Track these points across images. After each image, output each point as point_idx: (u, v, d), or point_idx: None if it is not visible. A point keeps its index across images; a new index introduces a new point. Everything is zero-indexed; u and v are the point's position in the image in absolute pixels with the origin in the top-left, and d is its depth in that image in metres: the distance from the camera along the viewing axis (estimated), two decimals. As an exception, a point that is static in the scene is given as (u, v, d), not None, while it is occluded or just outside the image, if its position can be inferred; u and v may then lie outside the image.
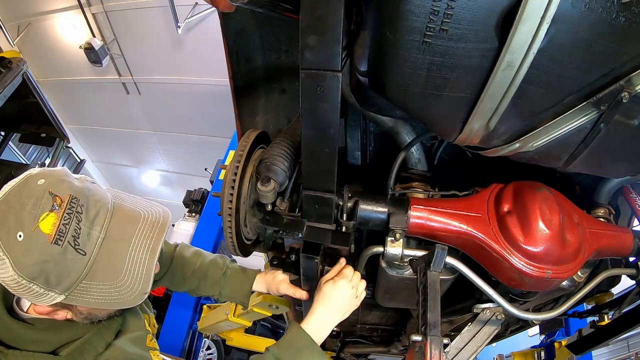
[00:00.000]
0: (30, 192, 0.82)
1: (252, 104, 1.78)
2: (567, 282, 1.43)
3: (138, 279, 0.90)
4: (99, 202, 0.90)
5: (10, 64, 4.48)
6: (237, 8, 1.04)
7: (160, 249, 0.94)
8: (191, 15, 8.03)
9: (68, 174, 0.90)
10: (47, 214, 0.81)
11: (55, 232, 0.81)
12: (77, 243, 0.83)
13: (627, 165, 1.12)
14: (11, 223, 0.80)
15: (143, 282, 0.91)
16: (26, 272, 0.80)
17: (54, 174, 0.87)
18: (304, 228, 1.28)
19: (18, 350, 0.92)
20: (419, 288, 1.18)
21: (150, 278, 0.92)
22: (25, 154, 9.77)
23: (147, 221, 0.95)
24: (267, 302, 2.05)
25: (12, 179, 0.86)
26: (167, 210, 1.02)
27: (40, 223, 0.80)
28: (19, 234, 0.79)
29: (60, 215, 0.82)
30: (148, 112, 10.79)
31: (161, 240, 0.94)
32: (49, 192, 0.83)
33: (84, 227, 0.85)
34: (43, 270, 0.81)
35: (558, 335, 4.71)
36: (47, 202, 0.82)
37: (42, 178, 0.85)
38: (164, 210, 1.01)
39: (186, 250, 1.56)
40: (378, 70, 0.94)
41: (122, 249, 0.90)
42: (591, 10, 0.73)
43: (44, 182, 0.84)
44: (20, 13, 8.74)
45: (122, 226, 0.91)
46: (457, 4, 0.73)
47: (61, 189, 0.84)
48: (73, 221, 0.83)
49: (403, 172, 1.49)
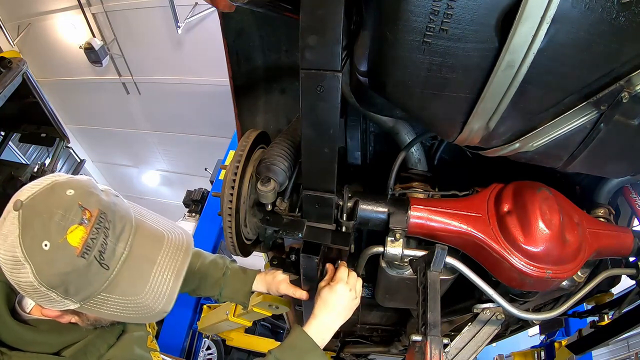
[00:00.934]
0: (59, 202, 0.82)
1: (252, 104, 1.78)
2: (567, 282, 1.43)
3: (160, 299, 0.91)
4: (124, 217, 0.90)
5: (10, 64, 4.48)
6: (237, 8, 1.04)
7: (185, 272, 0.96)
8: (191, 15, 8.03)
9: (95, 186, 0.90)
10: (76, 226, 0.81)
11: (82, 246, 0.81)
12: (102, 258, 0.84)
13: (627, 165, 1.12)
14: (37, 230, 0.79)
15: (165, 303, 0.92)
16: (47, 280, 0.80)
17: (82, 185, 0.87)
18: (304, 228, 1.27)
19: (21, 351, 0.92)
20: (419, 288, 1.18)
21: (173, 299, 0.92)
22: (25, 154, 9.77)
23: (171, 243, 0.96)
24: (267, 302, 2.04)
25: (33, 182, 0.86)
26: (188, 233, 1.03)
27: (68, 235, 0.80)
28: (45, 242, 0.79)
29: (89, 229, 0.82)
30: (148, 112, 10.79)
31: (186, 264, 0.95)
32: (78, 204, 0.82)
33: (110, 242, 0.85)
34: (65, 281, 0.81)
35: (558, 335, 4.71)
36: (77, 214, 0.81)
37: (70, 188, 0.84)
38: (185, 233, 1.02)
39: None
40: (378, 70, 0.94)
41: (147, 267, 0.90)
42: (591, 10, 0.73)
43: (73, 193, 0.83)
44: (20, 13, 8.74)
45: (145, 244, 0.92)
46: (457, 4, 0.73)
47: (90, 203, 0.84)
48: (101, 236, 0.83)
49: (403, 172, 1.49)
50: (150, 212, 1.02)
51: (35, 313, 0.98)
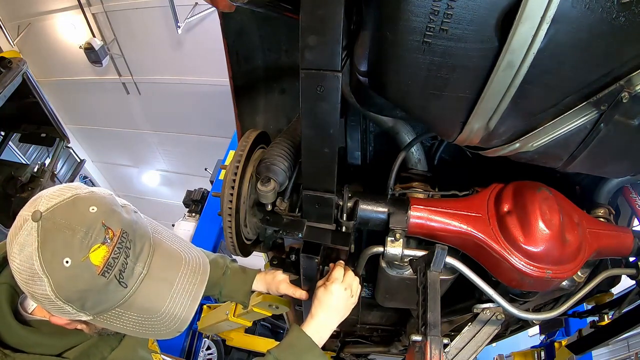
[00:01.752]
0: (82, 219, 0.81)
1: (252, 104, 1.78)
2: (567, 282, 1.43)
3: (176, 320, 0.92)
4: (144, 236, 0.91)
5: (10, 64, 4.49)
6: (237, 8, 1.04)
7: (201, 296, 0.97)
8: (191, 15, 8.02)
9: (116, 203, 0.90)
10: (99, 245, 0.81)
11: (104, 265, 0.81)
12: (122, 277, 0.84)
13: (627, 165, 1.12)
14: (58, 245, 0.79)
15: (180, 323, 0.92)
16: (65, 296, 0.80)
17: (105, 202, 0.86)
18: (304, 228, 1.28)
19: (24, 353, 0.92)
20: (419, 288, 1.18)
21: (188, 321, 0.93)
22: (25, 154, 9.76)
23: (189, 265, 0.97)
24: (267, 302, 2.04)
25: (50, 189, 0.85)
26: (204, 255, 1.04)
27: (91, 254, 0.80)
28: (66, 259, 0.78)
29: (111, 249, 0.82)
30: (148, 112, 10.78)
31: (203, 287, 0.96)
32: (102, 223, 0.82)
33: (130, 262, 0.86)
34: (82, 297, 0.82)
35: (558, 335, 4.71)
36: (100, 233, 0.81)
37: (93, 205, 0.84)
38: (202, 255, 1.03)
39: None
40: (378, 70, 0.94)
41: (164, 288, 0.91)
42: (591, 10, 0.73)
43: (97, 210, 0.83)
44: (20, 13, 8.74)
45: (163, 265, 0.93)
46: (457, 4, 0.73)
47: (113, 222, 0.84)
48: (122, 256, 0.84)
49: (403, 172, 1.49)
50: (166, 230, 1.03)
51: (37, 314, 0.98)
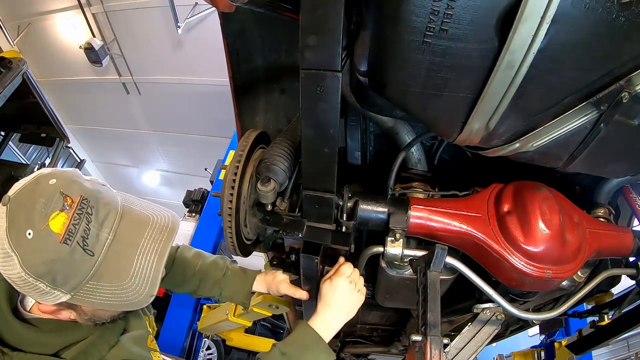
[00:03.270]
0: (41, 192, 0.83)
1: (252, 104, 1.78)
2: (567, 282, 1.43)
3: (145, 282, 0.90)
4: (109, 204, 0.91)
5: (10, 64, 4.48)
6: (237, 8, 1.04)
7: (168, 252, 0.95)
8: (191, 15, 8.03)
9: (79, 175, 0.91)
10: (57, 213, 0.82)
11: (64, 232, 0.81)
12: (85, 243, 0.84)
13: (627, 165, 1.12)
14: (21, 221, 0.81)
15: (150, 285, 0.91)
16: (34, 270, 0.81)
17: (65, 175, 0.88)
18: (304, 228, 1.27)
19: (22, 352, 0.92)
20: (419, 288, 1.18)
21: (157, 281, 0.92)
22: (25, 154, 9.76)
23: (156, 225, 0.96)
24: (267, 302, 2.04)
25: (22, 179, 0.87)
26: (175, 215, 1.02)
27: (50, 222, 0.81)
28: (28, 232, 0.80)
29: (71, 215, 0.83)
30: (148, 112, 10.79)
31: (169, 244, 0.95)
32: (60, 192, 0.84)
33: (93, 228, 0.86)
34: (51, 270, 0.82)
35: (558, 335, 4.71)
36: (58, 201, 0.83)
37: (53, 178, 0.86)
38: (172, 214, 1.01)
39: (187, 251, 1.57)
40: (378, 70, 0.94)
41: (130, 251, 0.90)
42: (591, 10, 0.73)
43: (55, 182, 0.85)
44: (20, 13, 8.74)
45: (131, 229, 0.92)
46: (457, 4, 0.73)
47: (72, 190, 0.85)
48: (83, 222, 0.84)
49: (403, 172, 1.49)
50: (140, 200, 1.02)
51: (35, 311, 0.98)
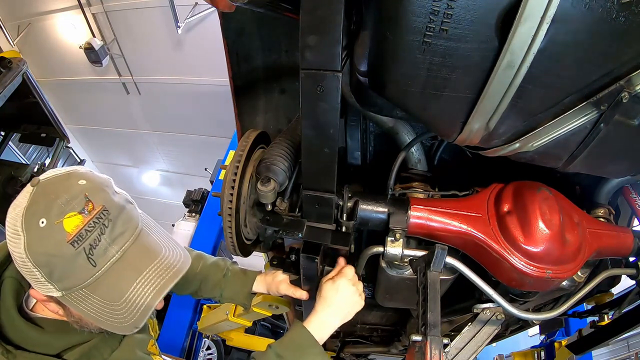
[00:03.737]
0: (68, 188, 0.85)
1: (252, 104, 1.78)
2: (567, 282, 1.43)
3: (135, 311, 0.89)
4: (128, 223, 0.91)
5: (10, 64, 4.49)
6: (237, 8, 1.04)
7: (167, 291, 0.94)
8: (191, 15, 8.02)
9: (110, 185, 0.92)
10: (74, 213, 0.83)
11: (75, 234, 0.82)
12: (91, 252, 0.84)
13: (627, 165, 1.12)
14: (39, 208, 0.83)
15: (138, 317, 0.89)
16: (34, 257, 0.82)
17: (97, 180, 0.90)
18: (304, 228, 1.27)
19: (26, 351, 0.92)
20: (419, 288, 1.18)
21: (146, 315, 0.90)
22: (25, 154, 9.76)
23: (165, 259, 0.95)
24: (267, 302, 2.04)
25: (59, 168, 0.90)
26: (187, 256, 1.01)
27: (65, 219, 0.82)
28: (42, 220, 0.82)
29: (87, 220, 0.83)
30: (148, 112, 10.78)
31: (172, 284, 0.93)
32: (85, 194, 0.85)
33: (104, 240, 0.85)
34: (49, 263, 0.83)
35: (558, 335, 4.71)
36: (80, 203, 0.84)
37: (84, 179, 0.88)
38: (185, 255, 1.00)
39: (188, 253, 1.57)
40: (378, 70, 0.94)
41: (131, 276, 0.89)
42: (591, 10, 0.73)
43: (85, 184, 0.87)
44: (20, 13, 8.74)
45: (140, 255, 0.91)
46: (457, 4, 0.73)
47: (97, 197, 0.86)
48: (96, 231, 0.84)
49: (403, 172, 1.49)
50: (160, 229, 1.01)
51: (38, 310, 0.98)
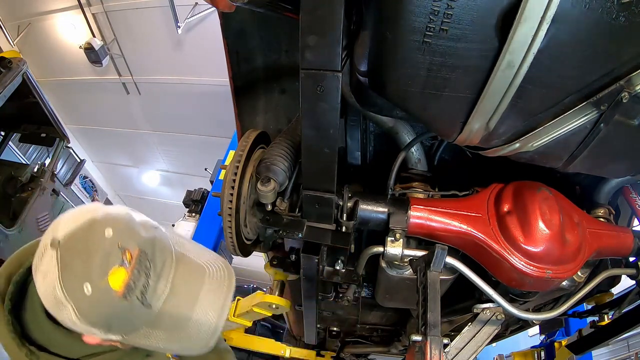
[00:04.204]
0: (98, 243, 0.80)
1: (252, 104, 1.78)
2: (567, 282, 1.43)
3: (203, 334, 0.90)
4: (164, 252, 0.89)
5: (10, 64, 4.48)
6: (237, 8, 1.04)
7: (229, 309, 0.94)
8: (191, 15, 8.02)
9: (133, 221, 0.88)
10: (116, 268, 0.80)
11: (124, 288, 0.80)
12: (144, 298, 0.83)
13: (627, 165, 1.12)
14: (77, 271, 0.79)
15: (209, 337, 0.90)
16: (89, 320, 0.80)
17: (120, 223, 0.85)
18: (304, 228, 1.27)
19: (49, 353, 0.92)
20: (419, 288, 1.18)
21: (216, 334, 0.91)
22: (25, 154, 9.75)
23: (213, 278, 0.94)
24: (267, 302, 2.05)
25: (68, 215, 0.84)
26: (227, 264, 1.00)
27: (109, 278, 0.79)
28: (85, 284, 0.78)
29: (130, 271, 0.81)
30: (148, 112, 10.78)
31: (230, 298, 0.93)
32: (118, 245, 0.81)
33: (152, 282, 0.84)
34: (107, 321, 0.82)
35: (558, 335, 4.70)
36: (117, 256, 0.80)
37: (109, 227, 0.82)
38: (226, 265, 0.99)
39: None
40: (378, 70, 0.94)
41: (189, 303, 0.89)
42: (591, 10, 0.73)
43: (112, 234, 0.82)
44: (20, 13, 8.74)
45: (186, 280, 0.90)
46: (457, 4, 0.73)
47: (130, 242, 0.83)
48: (142, 277, 0.82)
49: (403, 172, 1.49)
50: (188, 241, 1.00)
51: None
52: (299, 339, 3.74)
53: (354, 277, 1.46)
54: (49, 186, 5.75)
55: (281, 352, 3.74)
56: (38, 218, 5.51)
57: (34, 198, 5.41)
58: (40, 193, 5.52)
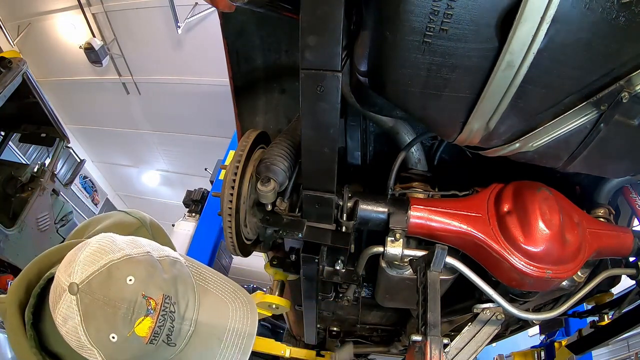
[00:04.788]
0: (121, 294, 0.79)
1: (252, 104, 1.78)
2: (567, 282, 1.43)
3: None
4: (187, 291, 0.88)
5: (10, 64, 4.49)
6: (237, 8, 1.04)
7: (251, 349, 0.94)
8: (191, 15, 8.02)
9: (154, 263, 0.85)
10: (142, 318, 0.79)
11: (150, 335, 0.80)
12: (170, 339, 0.83)
13: (627, 165, 1.12)
14: (101, 323, 0.78)
15: None
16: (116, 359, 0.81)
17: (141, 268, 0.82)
18: (304, 228, 1.27)
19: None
20: (419, 288, 1.18)
21: None
22: (25, 154, 9.75)
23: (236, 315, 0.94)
24: (267, 302, 2.04)
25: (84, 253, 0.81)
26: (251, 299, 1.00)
27: (136, 328, 0.79)
28: (112, 335, 0.78)
29: (156, 318, 0.81)
30: (148, 112, 10.78)
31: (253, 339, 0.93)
32: (142, 295, 0.80)
33: (177, 324, 0.84)
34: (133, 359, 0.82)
35: (558, 335, 4.70)
36: (142, 307, 0.79)
37: (130, 275, 0.80)
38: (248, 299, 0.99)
39: None
40: (378, 70, 0.94)
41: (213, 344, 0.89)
42: (591, 10, 0.73)
43: (134, 281, 0.80)
44: (20, 13, 8.73)
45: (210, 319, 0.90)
46: (457, 4, 0.73)
47: (153, 290, 0.82)
48: (167, 322, 0.82)
49: (403, 172, 1.49)
50: (208, 270, 0.99)
51: None
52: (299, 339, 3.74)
53: (354, 277, 1.46)
54: (49, 186, 5.75)
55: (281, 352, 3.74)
56: (38, 218, 5.52)
57: (34, 198, 5.41)
58: (40, 193, 5.52)
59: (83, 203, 12.17)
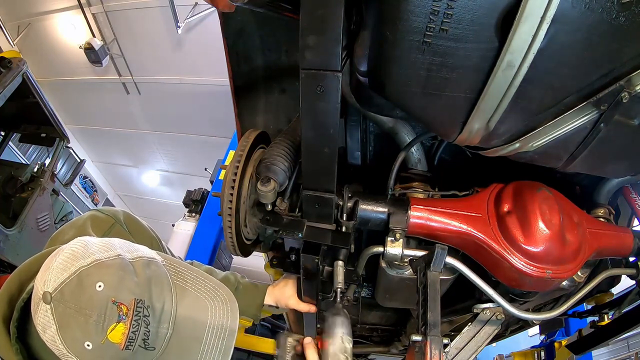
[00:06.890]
0: (90, 301, 0.78)
1: (252, 104, 1.78)
2: (567, 282, 1.43)
3: None
4: (163, 292, 0.86)
5: (10, 64, 4.49)
6: (237, 8, 1.04)
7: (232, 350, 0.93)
8: (191, 15, 8.03)
9: (124, 267, 0.83)
10: (114, 325, 0.78)
11: (125, 341, 0.79)
12: (147, 343, 0.82)
13: (627, 165, 1.12)
14: (75, 331, 0.77)
15: None
16: None
17: (111, 274, 0.81)
18: (304, 228, 1.27)
19: None
20: (419, 288, 1.18)
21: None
22: (25, 154, 9.76)
23: (216, 316, 0.92)
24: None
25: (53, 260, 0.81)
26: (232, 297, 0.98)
27: (109, 335, 0.78)
28: (86, 343, 0.77)
29: (129, 324, 0.79)
30: (148, 112, 10.79)
31: (233, 339, 0.92)
32: (112, 301, 0.78)
33: (152, 328, 0.83)
34: None
35: (558, 335, 4.70)
36: (113, 313, 0.78)
37: (99, 281, 0.79)
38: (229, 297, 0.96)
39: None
40: (378, 70, 0.94)
41: (194, 347, 0.88)
42: (591, 10, 0.73)
43: (103, 287, 0.79)
44: (20, 13, 8.74)
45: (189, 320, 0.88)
46: (457, 4, 0.73)
47: (123, 295, 0.80)
48: (141, 327, 0.81)
49: (403, 172, 1.49)
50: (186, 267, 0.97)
51: None
52: (299, 339, 3.74)
53: (354, 277, 1.46)
54: (49, 186, 5.75)
55: (281, 352, 3.74)
56: (38, 218, 5.52)
57: (34, 198, 5.41)
58: (40, 193, 5.53)
59: (83, 203, 12.16)
